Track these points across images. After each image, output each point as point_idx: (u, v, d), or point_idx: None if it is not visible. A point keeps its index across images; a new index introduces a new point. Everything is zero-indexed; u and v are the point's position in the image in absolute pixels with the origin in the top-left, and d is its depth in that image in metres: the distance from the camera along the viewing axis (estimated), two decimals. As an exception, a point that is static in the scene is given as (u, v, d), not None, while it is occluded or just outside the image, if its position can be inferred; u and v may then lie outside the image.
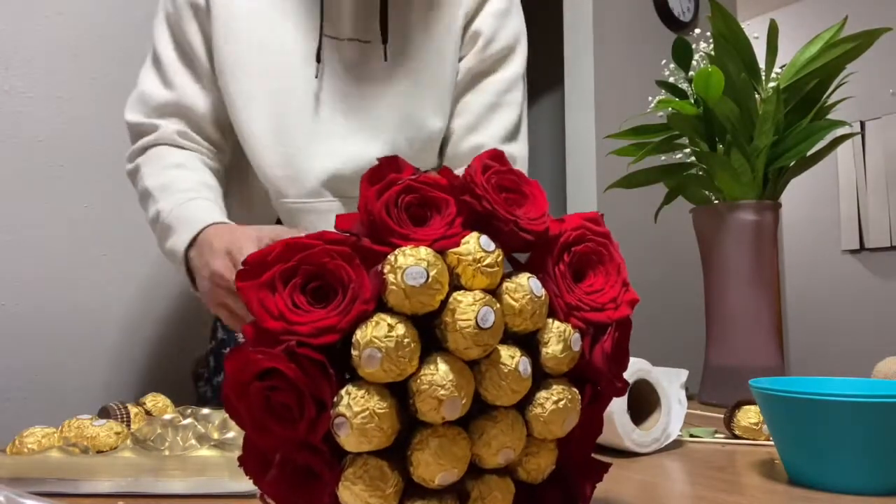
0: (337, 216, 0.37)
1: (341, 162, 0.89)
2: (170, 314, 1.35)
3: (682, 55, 1.07)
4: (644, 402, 0.65)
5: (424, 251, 0.33)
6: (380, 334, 0.32)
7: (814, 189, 3.72)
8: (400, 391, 0.33)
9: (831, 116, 1.20)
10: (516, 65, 0.99)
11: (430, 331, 0.34)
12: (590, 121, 2.29)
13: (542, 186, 0.40)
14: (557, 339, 0.36)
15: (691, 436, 0.72)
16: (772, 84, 1.01)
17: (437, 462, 0.32)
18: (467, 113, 0.97)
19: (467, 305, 0.33)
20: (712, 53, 1.03)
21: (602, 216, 0.41)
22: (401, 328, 0.32)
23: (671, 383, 0.69)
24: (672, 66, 1.11)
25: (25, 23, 1.22)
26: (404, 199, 0.36)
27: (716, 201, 1.07)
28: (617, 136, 1.13)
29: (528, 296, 0.35)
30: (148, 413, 0.69)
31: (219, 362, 1.01)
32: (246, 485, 0.49)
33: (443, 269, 0.33)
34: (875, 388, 0.56)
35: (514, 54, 0.99)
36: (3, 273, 1.18)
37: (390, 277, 0.33)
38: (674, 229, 2.39)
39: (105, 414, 0.64)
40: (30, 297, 1.20)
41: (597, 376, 0.38)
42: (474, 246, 0.34)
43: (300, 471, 0.35)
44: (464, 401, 0.33)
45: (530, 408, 0.36)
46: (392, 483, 0.33)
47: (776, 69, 1.03)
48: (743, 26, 1.01)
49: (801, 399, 0.50)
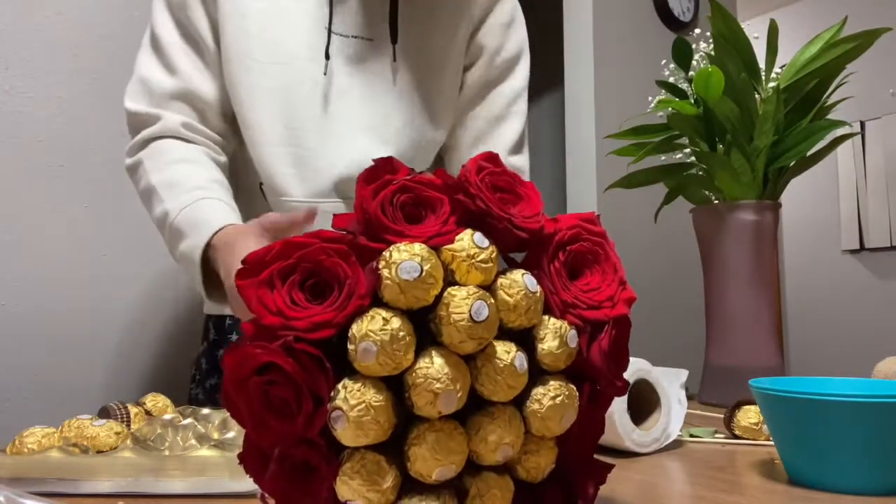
0: (334, 216, 0.37)
1: (355, 165, 0.88)
2: (170, 314, 1.35)
3: (682, 55, 1.07)
4: (644, 402, 0.65)
5: (419, 247, 0.34)
6: (375, 328, 0.32)
7: (814, 189, 3.72)
8: (396, 386, 0.34)
9: (831, 116, 1.20)
10: (521, 75, 1.00)
11: (425, 326, 0.34)
12: (590, 121, 2.29)
13: (543, 187, 0.40)
14: (553, 335, 0.36)
15: (691, 436, 0.72)
16: (772, 84, 1.01)
17: (434, 457, 0.33)
18: (475, 125, 0.97)
19: (461, 299, 0.33)
20: (712, 53, 1.03)
21: (598, 216, 0.41)
22: (396, 322, 0.32)
23: (671, 383, 0.69)
24: (672, 66, 1.11)
25: (25, 23, 1.22)
26: (399, 198, 0.36)
27: (716, 201, 1.07)
28: (617, 136, 1.13)
29: (522, 291, 0.35)
30: (148, 413, 0.69)
31: (211, 364, 0.98)
32: (246, 484, 0.49)
33: (437, 264, 0.34)
34: (875, 388, 0.56)
35: (519, 65, 0.99)
36: (3, 273, 1.18)
37: (385, 273, 0.33)
38: (674, 229, 2.40)
39: (105, 414, 0.64)
40: (30, 297, 1.20)
41: (595, 374, 0.38)
42: (468, 242, 0.35)
43: (299, 466, 0.35)
44: (459, 394, 0.33)
45: (527, 404, 0.36)
46: (389, 477, 0.33)
47: (776, 69, 1.03)
48: (743, 26, 1.01)
49: (801, 399, 0.50)
